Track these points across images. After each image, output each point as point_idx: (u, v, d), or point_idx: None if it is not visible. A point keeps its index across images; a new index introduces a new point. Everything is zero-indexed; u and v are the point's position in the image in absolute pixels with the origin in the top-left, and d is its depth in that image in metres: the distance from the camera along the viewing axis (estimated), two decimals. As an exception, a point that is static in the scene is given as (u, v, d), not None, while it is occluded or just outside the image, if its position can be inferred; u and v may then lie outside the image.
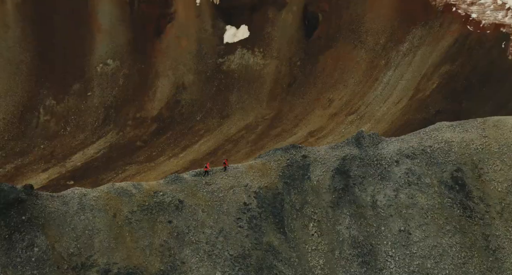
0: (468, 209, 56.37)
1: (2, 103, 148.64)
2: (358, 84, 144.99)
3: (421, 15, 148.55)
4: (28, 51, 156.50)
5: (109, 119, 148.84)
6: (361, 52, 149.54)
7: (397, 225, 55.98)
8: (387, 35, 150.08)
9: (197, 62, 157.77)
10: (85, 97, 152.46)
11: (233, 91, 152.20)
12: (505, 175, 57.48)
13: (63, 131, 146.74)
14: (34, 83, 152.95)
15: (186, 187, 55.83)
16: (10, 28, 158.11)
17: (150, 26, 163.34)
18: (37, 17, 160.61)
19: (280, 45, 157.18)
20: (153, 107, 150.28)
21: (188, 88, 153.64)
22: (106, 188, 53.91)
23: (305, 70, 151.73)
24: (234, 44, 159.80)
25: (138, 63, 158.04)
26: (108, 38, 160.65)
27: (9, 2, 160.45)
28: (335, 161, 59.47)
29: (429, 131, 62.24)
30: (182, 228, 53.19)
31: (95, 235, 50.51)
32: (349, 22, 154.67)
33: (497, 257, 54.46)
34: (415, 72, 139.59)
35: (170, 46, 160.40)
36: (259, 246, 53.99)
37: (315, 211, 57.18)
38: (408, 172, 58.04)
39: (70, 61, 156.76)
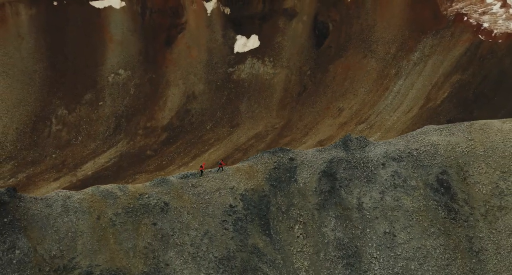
0: (452, 211, 56.39)
1: (15, 113, 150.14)
2: (368, 93, 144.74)
3: (432, 25, 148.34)
4: (41, 62, 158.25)
5: (120, 128, 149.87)
6: (372, 61, 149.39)
7: (382, 227, 56.10)
8: (398, 45, 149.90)
9: (207, 72, 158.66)
10: (96, 107, 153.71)
11: (243, 100, 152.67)
12: (490, 177, 57.40)
13: (74, 140, 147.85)
14: (46, 93, 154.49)
15: (172, 189, 55.91)
16: (24, 39, 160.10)
17: (161, 36, 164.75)
18: (50, 28, 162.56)
19: (290, 54, 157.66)
20: (164, 116, 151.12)
21: (198, 98, 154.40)
22: (91, 190, 53.97)
23: (315, 79, 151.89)
24: (244, 54, 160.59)
25: (149, 73, 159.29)
26: (119, 48, 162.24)
27: (24, 13, 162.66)
28: (322, 163, 59.57)
29: (416, 135, 62.35)
30: (167, 230, 53.24)
31: (78, 237, 50.45)
32: (359, 32, 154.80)
33: (480, 259, 54.47)
34: (426, 82, 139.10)
35: (181, 56, 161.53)
36: (244, 248, 54.10)
37: (301, 213, 57.26)
38: (394, 175, 58.15)
39: (82, 71, 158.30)
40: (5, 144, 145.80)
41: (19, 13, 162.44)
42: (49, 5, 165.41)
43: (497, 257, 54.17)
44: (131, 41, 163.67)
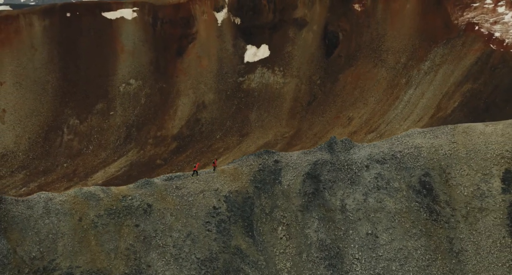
0: (434, 213, 56.40)
1: (28, 123, 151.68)
2: (378, 102, 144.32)
3: (443, 34, 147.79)
4: (53, 72, 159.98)
5: (130, 138, 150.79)
6: (382, 70, 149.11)
7: (365, 228, 56.12)
8: (408, 54, 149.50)
9: (217, 81, 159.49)
10: (107, 116, 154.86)
11: (253, 109, 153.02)
12: (472, 179, 57.42)
13: (85, 150, 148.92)
14: (58, 104, 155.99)
15: (156, 191, 56.04)
16: (37, 50, 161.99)
17: (172, 46, 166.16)
18: (63, 39, 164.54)
19: (300, 64, 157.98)
20: (174, 125, 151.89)
21: (208, 107, 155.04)
22: (73, 192, 54.03)
23: (325, 88, 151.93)
24: (255, 63, 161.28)
25: (159, 83, 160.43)
26: (131, 58, 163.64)
27: (37, 25, 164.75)
28: (306, 165, 59.64)
29: (400, 137, 62.48)
30: (149, 232, 53.25)
31: (59, 238, 50.36)
32: (369, 41, 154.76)
33: (460, 260, 54.44)
34: (436, 91, 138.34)
35: (191, 65, 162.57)
36: (226, 250, 54.15)
37: (285, 215, 57.33)
38: (377, 177, 58.22)
39: (94, 81, 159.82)
40: (17, 154, 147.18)
41: (33, 24, 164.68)
42: (62, 16, 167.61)
43: (477, 258, 54.16)
44: (142, 51, 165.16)
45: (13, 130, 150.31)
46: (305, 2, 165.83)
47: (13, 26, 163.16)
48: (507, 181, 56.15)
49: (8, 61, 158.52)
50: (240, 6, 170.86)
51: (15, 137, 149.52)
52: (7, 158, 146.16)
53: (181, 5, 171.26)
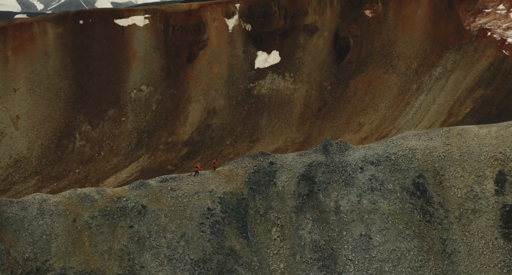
0: (428, 214, 56.32)
1: (41, 129, 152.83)
2: (389, 108, 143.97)
3: (455, 40, 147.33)
4: (66, 79, 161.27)
5: (141, 143, 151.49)
6: (393, 76, 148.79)
7: (359, 229, 56.09)
8: (420, 60, 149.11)
9: (228, 87, 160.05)
10: (119, 122, 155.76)
11: (263, 115, 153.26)
12: (465, 181, 57.22)
13: (97, 155, 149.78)
14: (71, 110, 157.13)
15: (151, 192, 56.39)
16: (51, 57, 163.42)
17: (183, 52, 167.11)
18: (76, 46, 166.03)
19: (311, 69, 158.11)
20: (184, 131, 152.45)
21: (219, 113, 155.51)
22: (68, 194, 54.26)
23: (336, 94, 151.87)
24: (265, 69, 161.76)
25: (170, 89, 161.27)
26: (142, 65, 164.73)
27: (51, 32, 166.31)
28: (301, 167, 59.68)
29: (395, 140, 62.53)
30: (143, 233, 53.50)
31: (53, 239, 50.61)
32: (380, 47, 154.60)
33: (452, 261, 54.31)
34: (448, 97, 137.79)
35: (202, 72, 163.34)
36: (220, 251, 54.28)
37: (279, 216, 57.36)
38: (371, 178, 58.27)
39: (106, 88, 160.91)
40: (30, 160, 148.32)
41: (47, 31, 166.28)
42: (76, 23, 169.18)
43: (469, 259, 54.05)
44: (154, 57, 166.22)
45: (27, 136, 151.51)
46: (316, 9, 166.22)
47: (27, 33, 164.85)
48: (500, 183, 55.97)
49: (22, 68, 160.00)
50: (251, 13, 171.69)
51: (28, 143, 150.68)
52: (20, 164, 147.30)
53: (193, 11, 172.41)
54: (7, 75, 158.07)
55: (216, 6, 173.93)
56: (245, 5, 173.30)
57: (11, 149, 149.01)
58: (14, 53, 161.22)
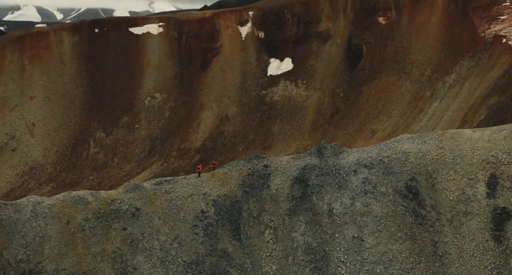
0: (420, 217, 56.51)
1: (56, 137, 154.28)
2: (402, 115, 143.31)
3: (469, 47, 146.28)
4: (81, 87, 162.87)
5: (154, 150, 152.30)
6: (406, 83, 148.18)
7: (351, 232, 56.37)
8: (433, 67, 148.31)
9: (240, 94, 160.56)
10: (132, 129, 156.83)
11: (276, 122, 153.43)
12: (457, 184, 57.39)
13: (110, 162, 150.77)
14: (85, 117, 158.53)
15: (145, 195, 57.01)
16: (66, 65, 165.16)
17: (196, 60, 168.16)
18: (91, 54, 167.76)
19: (324, 76, 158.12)
20: (197, 138, 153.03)
21: (231, 120, 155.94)
22: (62, 196, 55.01)
23: (348, 101, 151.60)
24: (278, 76, 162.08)
25: (184, 96, 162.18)
26: (156, 72, 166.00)
27: (67, 41, 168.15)
28: (295, 170, 60.21)
29: (389, 143, 62.85)
30: (137, 235, 53.99)
31: (46, 242, 51.18)
32: (394, 54, 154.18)
33: (443, 263, 54.41)
34: (462, 104, 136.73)
35: (215, 79, 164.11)
36: (213, 253, 54.76)
37: (272, 219, 57.86)
38: (365, 181, 58.60)
39: (120, 95, 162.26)
40: (45, 166, 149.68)
41: (63, 40, 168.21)
42: (91, 32, 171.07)
43: (460, 261, 54.17)
44: (168, 65, 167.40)
45: (42, 143, 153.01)
46: (329, 16, 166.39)
47: (43, 42, 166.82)
48: (492, 186, 56.10)
49: (38, 77, 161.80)
50: (264, 20, 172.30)
51: (44, 150, 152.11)
52: (35, 171, 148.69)
53: (206, 19, 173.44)
54: (24, 83, 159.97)
55: (230, 14, 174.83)
56: (259, 12, 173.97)
57: (26, 156, 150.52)
58: (31, 61, 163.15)
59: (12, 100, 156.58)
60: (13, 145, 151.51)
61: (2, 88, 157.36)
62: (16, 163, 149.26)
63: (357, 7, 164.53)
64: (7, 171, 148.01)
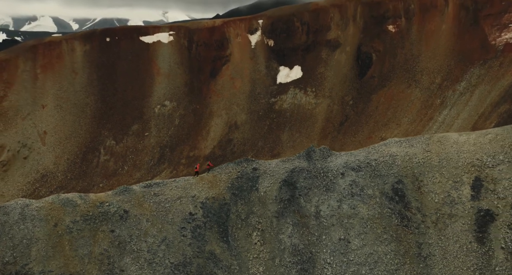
0: (405, 219, 57.14)
1: (67, 144, 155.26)
2: (411, 123, 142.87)
3: (480, 55, 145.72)
4: (92, 95, 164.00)
5: (164, 158, 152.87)
6: (416, 91, 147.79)
7: (338, 234, 56.98)
8: (443, 74, 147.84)
9: (250, 102, 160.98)
10: (142, 137, 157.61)
11: (285, 130, 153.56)
12: (443, 187, 58.05)
13: (120, 170, 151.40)
14: (96, 125, 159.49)
15: (134, 197, 57.85)
16: (78, 73, 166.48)
17: (206, 68, 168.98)
18: (103, 63, 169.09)
19: (333, 84, 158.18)
20: (206, 146, 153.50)
21: (241, 127, 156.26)
22: (51, 199, 55.83)
23: (357, 109, 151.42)
24: (287, 84, 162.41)
25: (193, 104, 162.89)
26: (166, 80, 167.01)
27: (78, 50, 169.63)
28: (283, 173, 61.02)
29: (377, 146, 63.69)
30: (124, 237, 54.72)
31: (33, 244, 51.99)
32: (403, 62, 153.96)
33: (427, 264, 55.00)
34: (472, 112, 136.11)
35: (225, 87, 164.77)
36: (201, 254, 55.40)
37: (260, 221, 58.56)
38: (352, 184, 59.24)
39: (130, 103, 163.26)
40: (56, 174, 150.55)
41: (74, 49, 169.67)
42: (102, 41, 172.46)
43: (443, 262, 54.72)
44: (178, 73, 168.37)
45: (53, 151, 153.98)
46: (338, 24, 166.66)
47: (56, 51, 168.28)
48: (476, 188, 56.83)
49: (50, 85, 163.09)
50: (274, 29, 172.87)
51: (55, 158, 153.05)
52: (46, 178, 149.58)
53: (216, 28, 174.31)
54: (36, 92, 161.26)
55: (239, 22, 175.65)
56: (268, 21, 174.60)
57: (38, 164, 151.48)
58: (43, 70, 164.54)
59: (24, 109, 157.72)
60: (25, 152, 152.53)
61: (15, 97, 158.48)
62: (27, 171, 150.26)
63: (366, 15, 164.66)
64: (19, 179, 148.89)
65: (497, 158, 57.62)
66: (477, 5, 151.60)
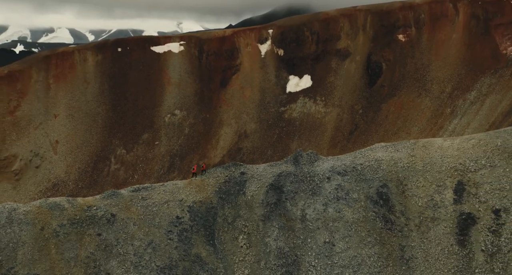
0: (389, 222, 57.52)
1: (78, 154, 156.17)
2: (421, 132, 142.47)
3: (491, 64, 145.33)
4: (104, 105, 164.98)
5: (173, 167, 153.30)
6: (426, 100, 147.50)
7: (323, 237, 57.32)
8: (454, 83, 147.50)
9: (259, 111, 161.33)
10: (152, 146, 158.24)
11: (294, 138, 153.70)
12: (426, 190, 58.62)
13: (131, 179, 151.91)
14: (107, 134, 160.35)
15: (121, 201, 58.42)
16: (90, 83, 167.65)
17: (216, 77, 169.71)
18: (114, 73, 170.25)
19: (342, 93, 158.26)
20: (216, 154, 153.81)
21: (250, 136, 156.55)
22: (38, 203, 56.30)
23: (367, 118, 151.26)
24: (297, 93, 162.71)
25: (203, 113, 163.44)
26: (176, 90, 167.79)
27: (91, 60, 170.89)
28: (270, 177, 61.47)
29: (364, 151, 64.51)
30: (111, 240, 55.12)
31: (20, 247, 52.43)
32: (413, 71, 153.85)
33: (409, 266, 55.43)
34: (483, 121, 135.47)
35: (234, 96, 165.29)
36: (187, 257, 55.79)
37: (246, 224, 58.98)
38: (338, 188, 59.72)
39: (141, 113, 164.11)
40: (67, 183, 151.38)
41: (87, 59, 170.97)
42: (114, 51, 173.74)
43: (425, 264, 55.21)
44: (188, 82, 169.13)
45: (65, 160, 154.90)
46: (348, 33, 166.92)
47: (68, 61, 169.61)
48: (459, 192, 57.34)
49: (63, 95, 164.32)
50: (284, 38, 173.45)
51: (66, 167, 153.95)
52: (58, 187, 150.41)
53: (226, 38, 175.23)
54: (49, 102, 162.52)
55: (250, 32, 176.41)
56: (278, 30, 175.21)
57: (49, 173, 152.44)
58: (56, 80, 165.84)
59: (37, 118, 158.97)
60: (37, 162, 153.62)
61: (28, 107, 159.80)
62: (39, 180, 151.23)
63: (376, 25, 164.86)
64: (31, 188, 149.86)
65: (480, 163, 58.29)
66: (488, 14, 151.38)
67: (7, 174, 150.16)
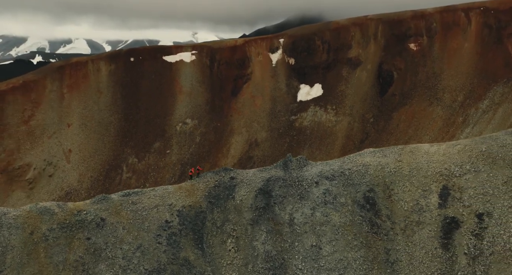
0: (375, 226, 58.16)
1: (90, 162, 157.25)
2: (433, 141, 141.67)
3: (503, 73, 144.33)
4: (116, 114, 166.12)
5: (185, 175, 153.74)
6: (437, 109, 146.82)
7: (310, 240, 57.98)
8: (466, 92, 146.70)
9: (270, 120, 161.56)
10: (164, 154, 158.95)
11: (305, 147, 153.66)
12: (412, 195, 59.34)
13: (142, 187, 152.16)
14: (119, 143, 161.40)
15: (111, 206, 59.17)
16: (102, 93, 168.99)
17: (227, 86, 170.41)
18: (127, 82, 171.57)
19: (353, 102, 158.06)
20: (226, 163, 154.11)
21: (261, 145, 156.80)
22: (28, 207, 57.15)
23: (378, 126, 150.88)
24: (307, 102, 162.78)
25: (214, 122, 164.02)
26: (188, 99, 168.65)
27: (104, 70, 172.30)
28: (260, 182, 62.22)
29: (353, 156, 65.29)
30: (100, 244, 55.86)
31: (8, 251, 53.15)
32: (425, 80, 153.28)
33: (394, 269, 56.04)
34: (495, 130, 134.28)
35: (245, 105, 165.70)
36: (175, 261, 56.44)
37: (235, 228, 59.71)
38: (325, 192, 60.36)
39: (153, 121, 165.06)
40: (80, 192, 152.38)
41: (100, 69, 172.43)
42: (127, 61, 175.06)
43: (409, 267, 55.90)
44: (199, 91, 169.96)
45: (77, 169, 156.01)
46: (359, 42, 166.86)
47: (82, 71, 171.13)
48: (444, 197, 58.04)
49: (76, 104, 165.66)
50: (295, 47, 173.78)
51: (79, 176, 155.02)
52: (70, 196, 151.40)
53: (238, 47, 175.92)
54: (62, 111, 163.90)
55: (261, 41, 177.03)
56: (289, 40, 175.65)
57: (62, 182, 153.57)
58: (69, 90, 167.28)
59: (50, 127, 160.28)
60: (51, 170, 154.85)
61: (42, 116, 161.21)
62: (52, 188, 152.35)
63: (388, 34, 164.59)
64: (44, 196, 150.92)
65: (464, 168, 58.89)
66: (500, 23, 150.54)
67: (21, 183, 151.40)
